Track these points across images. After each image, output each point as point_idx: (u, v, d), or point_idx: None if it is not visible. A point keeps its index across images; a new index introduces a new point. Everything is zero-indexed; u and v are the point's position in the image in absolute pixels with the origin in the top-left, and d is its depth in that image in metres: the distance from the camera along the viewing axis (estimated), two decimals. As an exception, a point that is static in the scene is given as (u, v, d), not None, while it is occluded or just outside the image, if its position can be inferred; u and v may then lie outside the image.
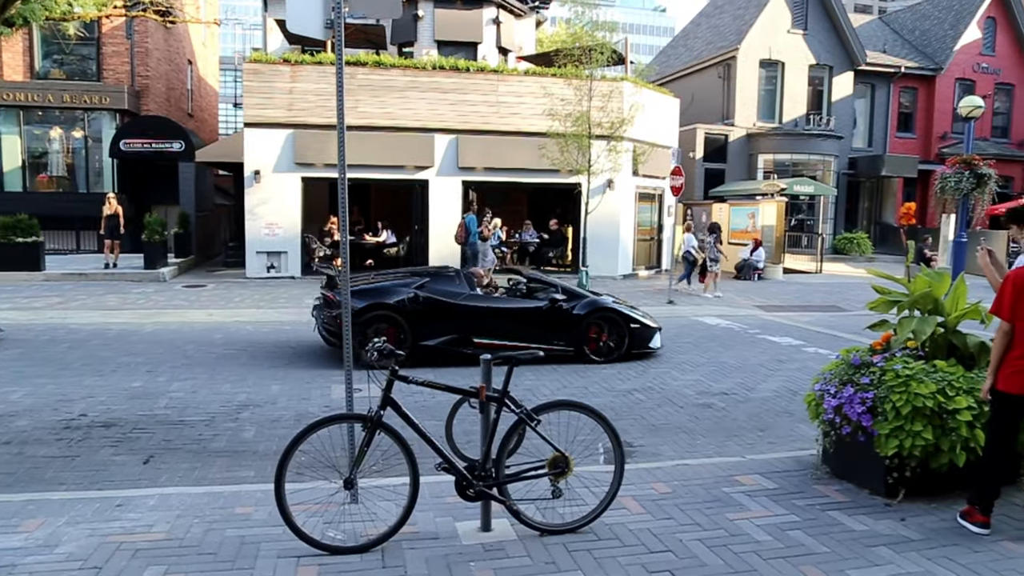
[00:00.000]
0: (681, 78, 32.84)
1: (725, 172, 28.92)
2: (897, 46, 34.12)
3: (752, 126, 29.32)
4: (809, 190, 26.79)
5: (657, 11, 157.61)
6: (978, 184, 15.85)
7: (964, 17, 32.90)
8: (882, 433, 4.65)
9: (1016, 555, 4.16)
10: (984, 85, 32.38)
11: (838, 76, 30.68)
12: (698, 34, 35.73)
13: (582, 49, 15.36)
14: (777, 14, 29.42)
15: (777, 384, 8.81)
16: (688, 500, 4.83)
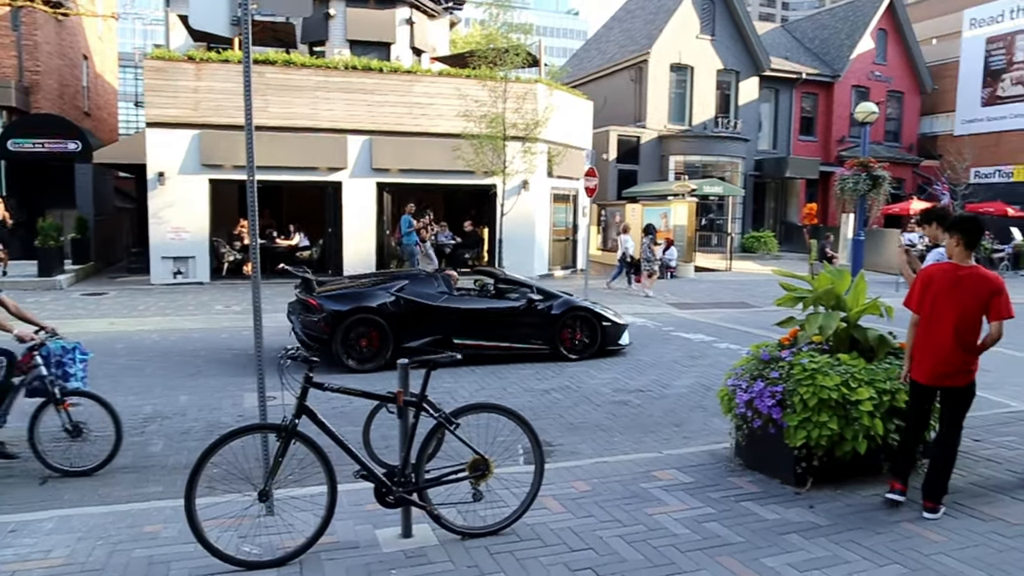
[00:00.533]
0: (594, 81, 33.34)
1: (638, 173, 29.52)
2: (799, 53, 35.57)
3: (663, 128, 30.02)
4: (718, 191, 27.63)
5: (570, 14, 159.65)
6: (874, 185, 16.70)
7: (859, 28, 34.57)
8: (791, 425, 4.82)
9: (913, 535, 4.37)
10: (877, 92, 34.10)
11: (744, 81, 31.74)
12: (610, 38, 36.35)
13: (496, 51, 15.40)
14: (686, 20, 30.21)
15: (691, 380, 9.03)
16: (607, 497, 4.89)
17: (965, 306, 4.56)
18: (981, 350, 4.64)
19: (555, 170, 19.97)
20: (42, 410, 5.50)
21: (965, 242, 4.67)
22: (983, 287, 4.55)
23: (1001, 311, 4.52)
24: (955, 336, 4.56)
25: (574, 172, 20.35)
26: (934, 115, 36.54)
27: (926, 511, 4.67)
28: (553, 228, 21.07)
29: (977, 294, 4.55)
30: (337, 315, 8.99)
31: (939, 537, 4.36)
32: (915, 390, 4.83)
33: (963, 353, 4.59)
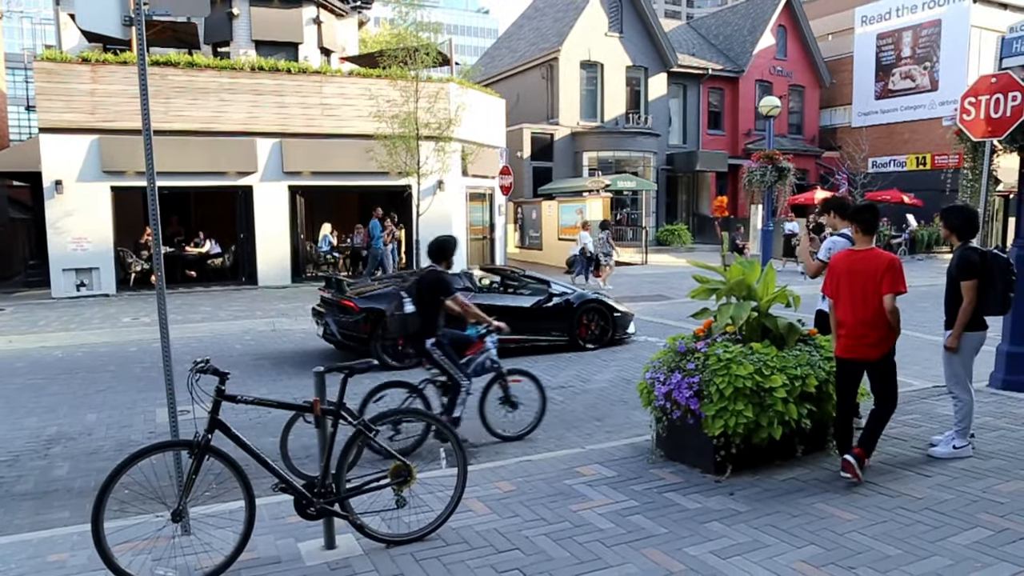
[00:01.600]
0: (506, 79, 33.45)
1: (552, 170, 29.78)
2: (704, 50, 36.54)
3: (576, 125, 30.37)
4: (631, 185, 28.13)
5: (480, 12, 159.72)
6: (780, 177, 17.32)
7: (759, 24, 35.78)
8: (709, 415, 4.92)
9: (827, 515, 4.53)
10: (780, 86, 35.37)
11: (653, 77, 32.40)
12: (521, 36, 36.54)
13: (407, 50, 15.22)
14: (595, 18, 30.63)
15: (612, 374, 9.15)
16: (532, 496, 4.89)
17: (864, 284, 4.95)
18: (890, 324, 4.96)
19: (470, 169, 19.93)
20: None
21: (863, 228, 5.09)
22: (877, 265, 4.93)
23: (892, 286, 4.88)
24: (861, 312, 4.95)
25: (489, 170, 20.38)
26: (833, 108, 38.15)
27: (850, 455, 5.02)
28: (470, 227, 21.04)
29: (873, 272, 4.93)
30: (376, 315, 9.25)
31: (851, 516, 4.52)
32: (839, 366, 5.21)
33: (870, 328, 4.95)
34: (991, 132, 7.10)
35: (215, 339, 11.87)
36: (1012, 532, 4.27)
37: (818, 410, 5.23)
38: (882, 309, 4.91)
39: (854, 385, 5.19)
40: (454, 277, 9.99)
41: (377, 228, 17.58)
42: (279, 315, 13.63)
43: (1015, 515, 4.51)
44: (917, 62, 33.70)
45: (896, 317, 4.95)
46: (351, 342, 9.52)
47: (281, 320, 13.20)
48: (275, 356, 10.44)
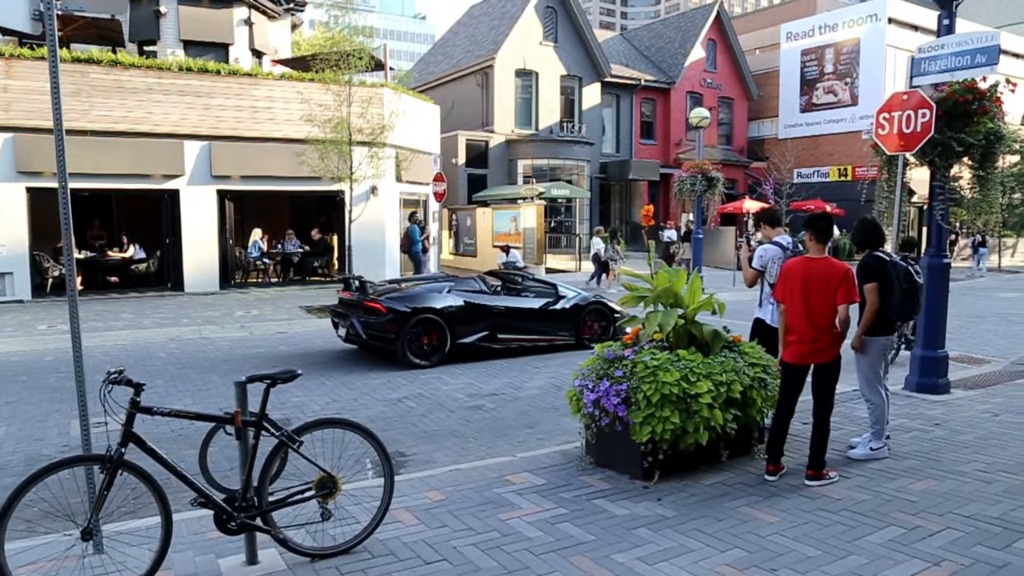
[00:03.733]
0: (442, 85, 33.38)
1: (487, 177, 29.82)
2: (637, 61, 37.17)
3: (511, 133, 30.49)
4: (565, 193, 28.37)
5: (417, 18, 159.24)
6: (709, 186, 17.72)
7: (690, 37, 36.61)
8: (636, 421, 4.98)
9: (751, 518, 4.62)
10: (710, 98, 36.24)
11: (587, 86, 32.79)
12: (457, 42, 36.54)
13: (340, 54, 15.01)
14: (530, 26, 30.83)
15: (543, 381, 9.18)
16: (461, 505, 4.86)
17: (818, 292, 5.12)
18: (839, 331, 5.15)
19: (404, 175, 19.77)
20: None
21: (816, 237, 5.30)
22: (831, 274, 5.12)
23: (847, 296, 5.09)
24: (813, 318, 5.14)
25: (423, 177, 20.26)
26: (761, 120, 39.26)
27: (807, 479, 5.22)
28: (404, 234, 20.85)
29: (827, 281, 5.11)
30: (403, 316, 9.79)
31: (774, 518, 4.63)
32: (786, 371, 5.38)
33: (822, 333, 5.15)
34: (903, 146, 7.39)
35: (138, 347, 11.47)
36: (923, 529, 4.43)
37: (743, 415, 5.34)
38: (834, 316, 5.10)
39: (798, 390, 5.36)
40: (469, 280, 11.18)
41: (417, 232, 17.94)
42: (206, 322, 13.26)
43: (926, 512, 4.69)
44: (839, 78, 34.96)
45: (846, 326, 5.15)
46: (377, 342, 9.97)
47: (208, 328, 12.84)
48: (201, 365, 10.14)
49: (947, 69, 7.31)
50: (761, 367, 5.44)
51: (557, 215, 31.35)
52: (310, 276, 20.24)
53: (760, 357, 5.53)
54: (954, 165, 7.76)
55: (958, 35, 7.43)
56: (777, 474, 5.31)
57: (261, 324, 13.32)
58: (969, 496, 4.98)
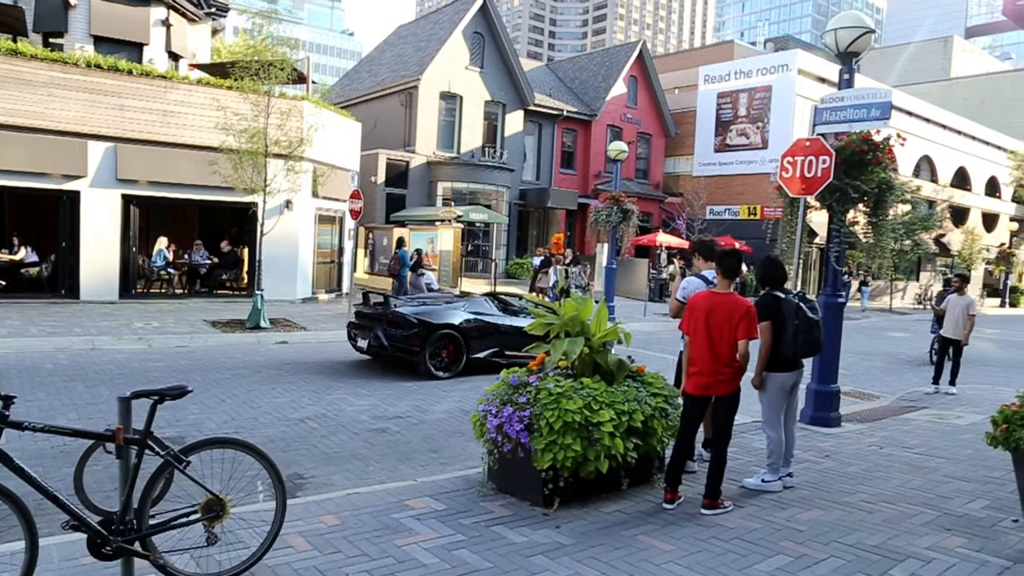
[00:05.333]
0: (365, 102, 33.12)
1: (406, 197, 29.65)
2: (561, 92, 37.83)
3: (432, 154, 30.46)
4: (484, 218, 28.48)
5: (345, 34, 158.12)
6: (624, 218, 18.09)
7: (613, 73, 37.54)
8: (538, 448, 4.98)
9: (647, 547, 4.67)
10: (629, 133, 37.15)
11: (510, 113, 33.13)
12: (383, 61, 36.38)
13: (261, 63, 14.70)
14: (456, 50, 31.00)
15: (451, 405, 9.11)
16: (357, 530, 4.74)
17: (720, 326, 5.27)
18: (739, 365, 5.29)
19: (321, 191, 19.46)
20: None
21: (723, 273, 5.47)
22: (734, 310, 5.27)
23: (747, 332, 5.25)
24: (716, 351, 5.28)
25: (341, 193, 19.98)
26: (677, 156, 40.47)
27: (703, 508, 5.33)
28: (318, 250, 20.49)
29: (730, 316, 5.26)
30: (428, 330, 10.53)
31: (669, 546, 4.69)
32: (687, 402, 5.48)
33: (723, 366, 5.28)
34: (805, 190, 7.74)
35: (21, 357, 10.81)
36: (809, 558, 4.58)
37: (644, 444, 5.41)
38: (735, 350, 5.24)
39: (699, 421, 5.51)
40: (479, 300, 11.93)
41: (406, 257, 18.05)
42: (101, 333, 12.63)
43: (812, 541, 4.85)
44: (751, 121, 36.43)
45: (746, 360, 5.29)
46: (400, 353, 10.56)
47: (103, 338, 12.23)
48: (91, 378, 9.64)
49: (845, 120, 7.72)
50: (663, 397, 5.54)
51: (475, 239, 31.40)
52: (217, 289, 19.60)
53: (662, 387, 5.64)
54: (850, 210, 8.16)
55: (856, 89, 7.86)
56: (675, 502, 5.40)
57: (161, 337, 12.79)
58: (853, 525, 5.18)
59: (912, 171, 40.36)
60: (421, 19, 37.05)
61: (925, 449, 7.68)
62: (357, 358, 12.08)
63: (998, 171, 49.30)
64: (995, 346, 20.68)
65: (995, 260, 45.08)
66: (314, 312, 17.46)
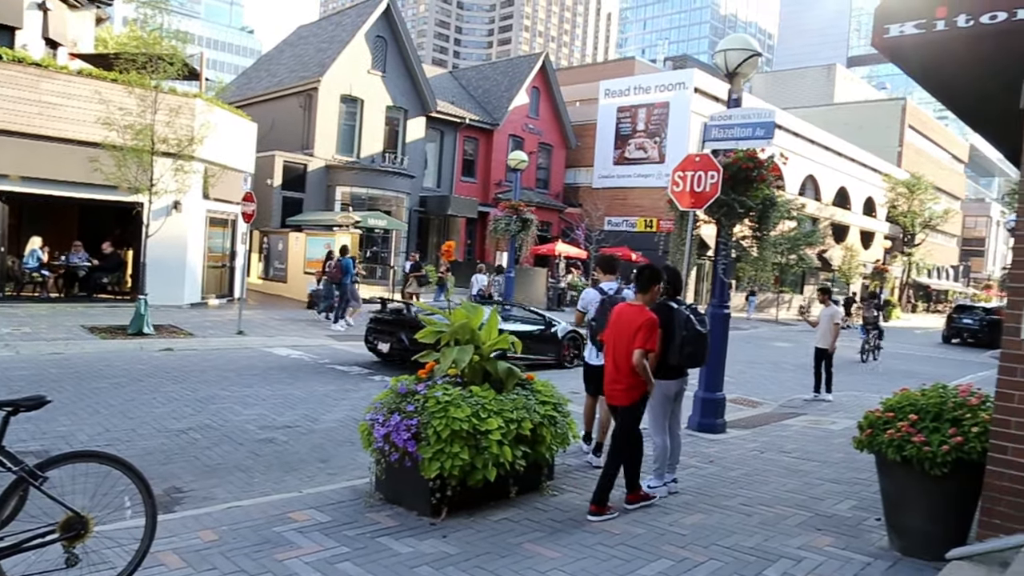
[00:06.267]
0: (263, 103, 32.20)
1: (304, 201, 28.99)
2: (464, 100, 37.90)
3: (331, 158, 29.92)
4: (383, 224, 28.15)
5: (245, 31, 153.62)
6: (523, 227, 18.24)
7: (516, 83, 37.92)
8: (426, 457, 4.92)
9: (533, 554, 4.68)
10: (531, 143, 37.59)
11: (412, 119, 32.92)
12: (282, 61, 35.50)
13: (148, 56, 14.02)
14: (358, 53, 30.58)
15: (342, 414, 8.92)
16: (236, 545, 4.55)
17: (622, 336, 5.43)
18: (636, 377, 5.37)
19: (212, 192, 18.75)
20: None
21: (636, 287, 5.71)
22: (636, 321, 5.38)
23: (643, 342, 5.30)
24: (617, 361, 5.44)
25: (234, 195, 19.32)
26: (577, 168, 41.22)
27: (589, 514, 5.37)
28: (209, 254, 19.75)
29: (630, 328, 5.38)
30: None
31: (556, 553, 4.71)
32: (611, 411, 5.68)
33: (621, 376, 5.42)
34: (694, 203, 8.00)
35: None
36: (690, 561, 4.69)
37: (533, 452, 5.44)
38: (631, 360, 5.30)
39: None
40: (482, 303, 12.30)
41: (351, 265, 17.85)
42: (-38, 338, 11.75)
43: (693, 545, 4.98)
44: (649, 136, 37.50)
45: (643, 371, 5.32)
46: None
47: (-37, 344, 11.38)
48: (-52, 386, 8.93)
49: (732, 138, 8.03)
50: (552, 405, 5.58)
51: (373, 245, 31.00)
52: (98, 293, 18.58)
53: (552, 395, 5.68)
54: (736, 224, 8.48)
55: (743, 109, 8.20)
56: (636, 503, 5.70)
57: (31, 343, 12.00)
58: (731, 528, 5.35)
59: (798, 189, 42.47)
60: (323, 20, 36.39)
61: (801, 453, 8.04)
62: (245, 366, 11.69)
63: (874, 192, 52.53)
64: (869, 355, 21.90)
65: (871, 275, 47.96)
66: (203, 318, 16.79)
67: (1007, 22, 4.52)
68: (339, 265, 17.71)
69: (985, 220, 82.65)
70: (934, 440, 4.56)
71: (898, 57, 5.26)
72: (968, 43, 4.80)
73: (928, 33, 4.81)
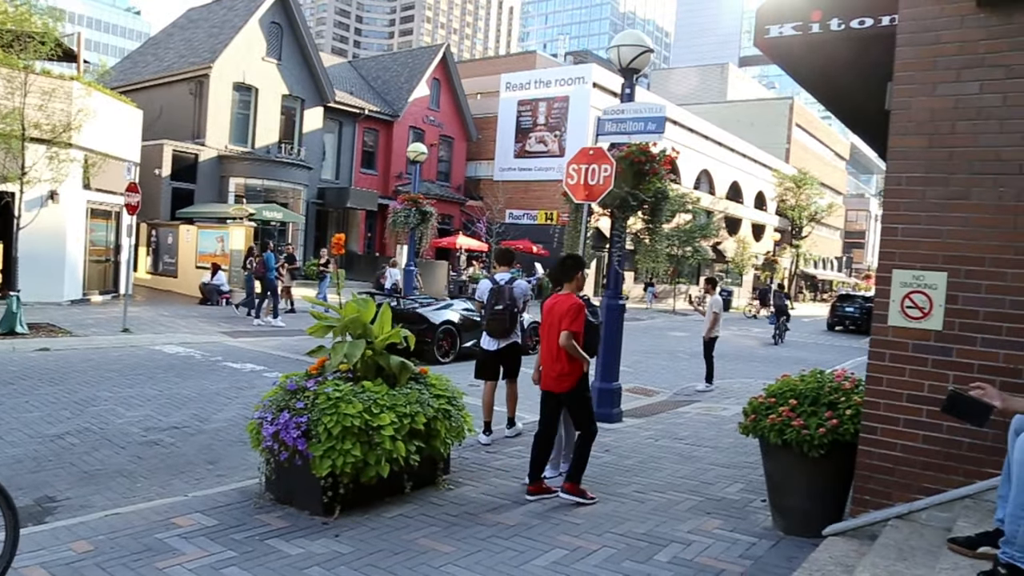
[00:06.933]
0: (150, 88, 30.68)
1: (195, 193, 27.86)
2: (363, 90, 37.24)
3: (224, 148, 28.86)
4: (278, 216, 27.38)
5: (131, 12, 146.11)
6: (423, 220, 18.06)
7: (416, 74, 37.56)
8: (316, 455, 4.80)
9: (427, 549, 4.64)
10: (431, 135, 37.34)
11: (310, 109, 32.11)
12: (171, 45, 33.92)
13: (15, 34, 13.09)
14: (252, 40, 29.57)
15: (234, 413, 8.62)
16: (112, 556, 4.32)
17: (552, 323, 5.68)
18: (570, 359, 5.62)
19: (94, 182, 17.77)
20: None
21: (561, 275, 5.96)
22: (562, 308, 5.64)
23: (568, 325, 5.54)
24: (550, 349, 5.68)
25: (117, 186, 18.32)
26: (478, 161, 41.23)
27: (562, 491, 5.64)
28: (91, 247, 18.71)
29: (559, 314, 5.63)
30: (436, 325, 13.16)
31: (450, 548, 4.68)
32: (543, 397, 5.91)
33: (554, 361, 5.66)
34: (588, 196, 8.11)
35: None
36: (583, 550, 4.75)
37: (427, 446, 5.39)
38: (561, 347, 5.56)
39: (551, 414, 5.82)
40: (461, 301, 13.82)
41: (272, 260, 17.25)
42: None
43: (587, 534, 5.05)
44: (549, 130, 37.88)
45: (573, 351, 5.56)
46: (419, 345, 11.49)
47: None
48: None
49: (624, 132, 8.18)
50: (447, 399, 5.54)
51: (270, 238, 30.06)
52: (-35, 289, 17.29)
53: (446, 389, 5.64)
54: (630, 217, 8.65)
55: (635, 104, 8.36)
56: (537, 495, 5.71)
57: None
58: (625, 516, 5.45)
59: (693, 183, 43.86)
60: (214, 3, 34.90)
61: (694, 440, 8.29)
62: (130, 365, 11.14)
63: (765, 187, 54.84)
64: (759, 344, 22.88)
65: (762, 266, 50.10)
66: (85, 315, 15.89)
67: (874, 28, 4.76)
68: (262, 260, 17.20)
69: (865, 214, 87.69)
70: (812, 424, 4.78)
71: (778, 57, 5.47)
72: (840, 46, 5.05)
73: (804, 35, 5.02)
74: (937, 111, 4.33)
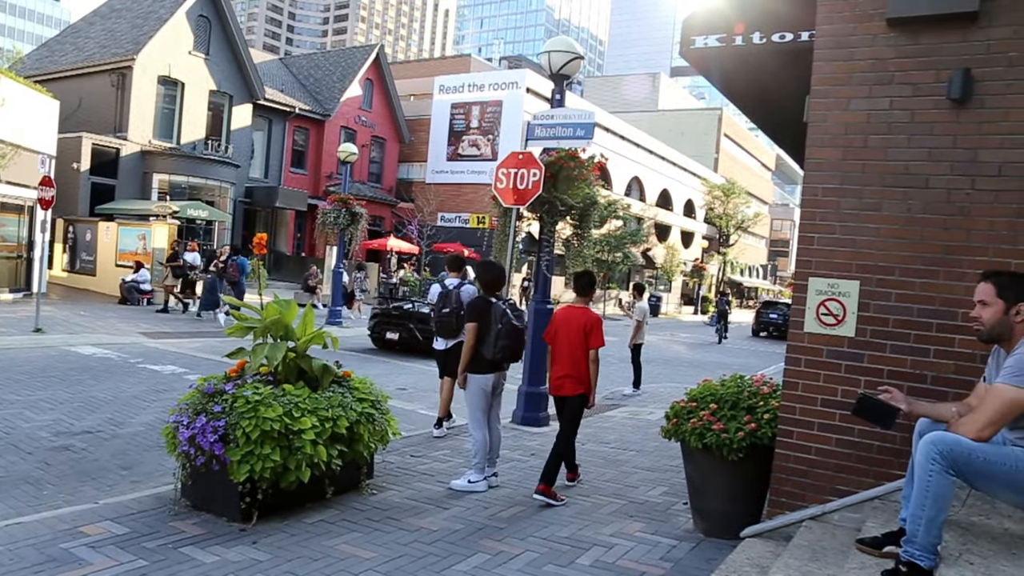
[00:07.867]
0: (69, 79, 29.51)
1: (116, 188, 26.89)
2: (294, 88, 36.59)
3: (148, 143, 27.96)
4: (204, 215, 26.67)
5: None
6: (352, 221, 17.86)
7: (349, 74, 37.11)
8: (234, 460, 4.68)
9: (347, 555, 4.56)
10: (363, 135, 36.95)
11: (238, 106, 31.40)
12: (91, 34, 32.68)
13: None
14: (179, 32, 28.74)
15: (152, 416, 8.33)
16: (12, 568, 4.10)
17: (572, 336, 5.94)
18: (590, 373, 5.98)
19: (4, 174, 16.98)
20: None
21: (576, 291, 6.26)
22: (584, 322, 5.95)
23: (594, 342, 5.92)
24: (570, 358, 5.95)
25: (30, 179, 17.53)
26: (411, 163, 40.99)
27: (536, 493, 5.77)
28: (1, 243, 17.86)
29: (579, 328, 5.93)
30: None
31: (371, 553, 4.62)
32: (557, 404, 6.20)
33: (575, 370, 5.95)
34: (517, 200, 8.14)
35: None
36: (506, 554, 4.75)
37: (350, 451, 5.30)
38: (584, 357, 5.91)
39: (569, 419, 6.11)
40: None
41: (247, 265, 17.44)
42: None
43: (510, 538, 5.05)
44: (483, 133, 37.94)
45: (596, 366, 5.99)
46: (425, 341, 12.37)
47: None
48: None
49: (553, 137, 8.25)
50: (370, 402, 5.47)
51: (194, 237, 29.28)
52: None
53: (369, 392, 5.57)
54: (559, 222, 8.72)
55: (565, 109, 8.44)
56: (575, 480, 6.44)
57: None
58: (548, 519, 5.48)
59: (624, 190, 44.53)
60: (138, -7, 33.80)
61: (620, 443, 8.40)
62: (42, 367, 10.66)
63: (694, 195, 56.09)
64: (687, 349, 23.37)
65: (691, 273, 51.17)
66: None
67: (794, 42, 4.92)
68: (236, 265, 16.90)
69: (790, 224, 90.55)
70: (731, 427, 4.89)
71: (702, 67, 5.60)
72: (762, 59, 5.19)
73: (727, 47, 5.14)
74: (851, 125, 4.50)
